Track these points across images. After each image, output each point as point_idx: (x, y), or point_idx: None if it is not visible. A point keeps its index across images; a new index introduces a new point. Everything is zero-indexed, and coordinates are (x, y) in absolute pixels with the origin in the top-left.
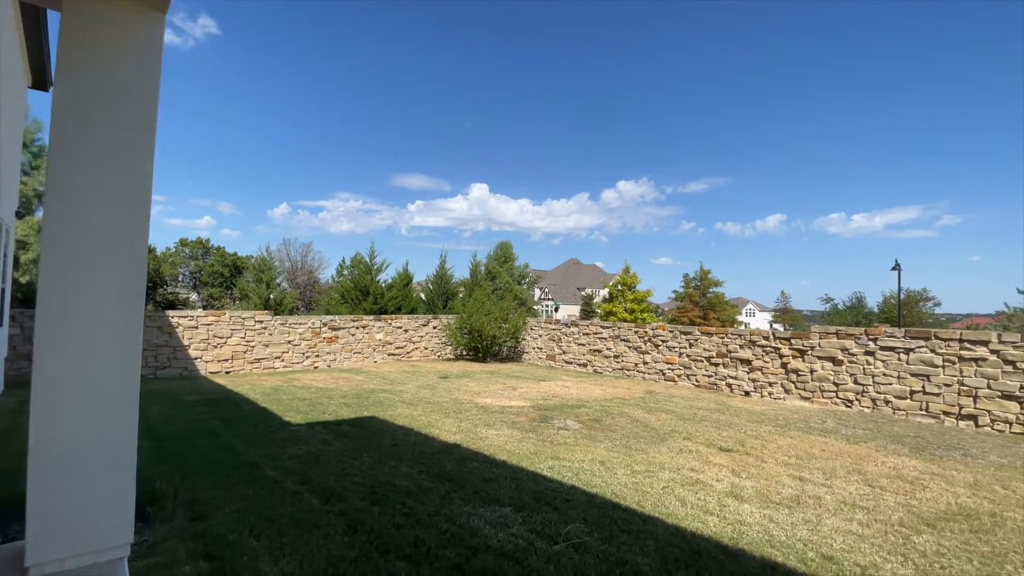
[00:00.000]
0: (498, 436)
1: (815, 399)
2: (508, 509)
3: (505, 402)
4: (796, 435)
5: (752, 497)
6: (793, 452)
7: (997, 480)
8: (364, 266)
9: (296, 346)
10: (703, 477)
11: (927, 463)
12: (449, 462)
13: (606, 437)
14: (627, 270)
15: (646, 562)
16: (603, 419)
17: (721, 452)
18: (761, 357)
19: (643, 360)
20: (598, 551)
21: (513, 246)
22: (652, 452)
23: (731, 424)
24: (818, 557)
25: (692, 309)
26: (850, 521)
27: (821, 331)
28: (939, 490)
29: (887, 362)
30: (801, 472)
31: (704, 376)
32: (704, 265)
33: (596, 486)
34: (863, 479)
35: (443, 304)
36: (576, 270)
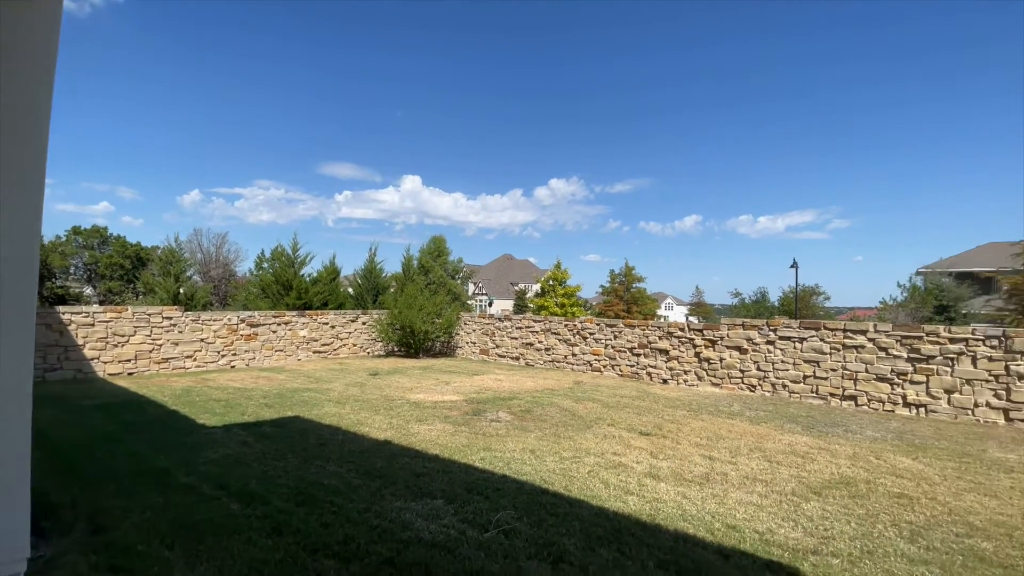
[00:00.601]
0: (430, 431)
1: (724, 385)
2: (440, 501)
3: (438, 397)
4: (707, 418)
5: (668, 476)
6: (704, 434)
7: (872, 452)
8: (286, 259)
9: (210, 344)
10: (625, 460)
11: (816, 439)
12: (380, 459)
13: (536, 427)
14: (558, 266)
15: (572, 542)
16: (534, 410)
17: (641, 436)
18: (677, 347)
19: (572, 352)
20: (527, 535)
21: (447, 240)
22: (579, 439)
23: (650, 410)
24: (723, 527)
25: (617, 303)
26: (751, 493)
27: (729, 323)
28: (825, 462)
29: (785, 350)
30: (711, 451)
31: (627, 366)
32: (628, 262)
33: (526, 474)
34: (763, 455)
35: (373, 299)
36: (510, 265)
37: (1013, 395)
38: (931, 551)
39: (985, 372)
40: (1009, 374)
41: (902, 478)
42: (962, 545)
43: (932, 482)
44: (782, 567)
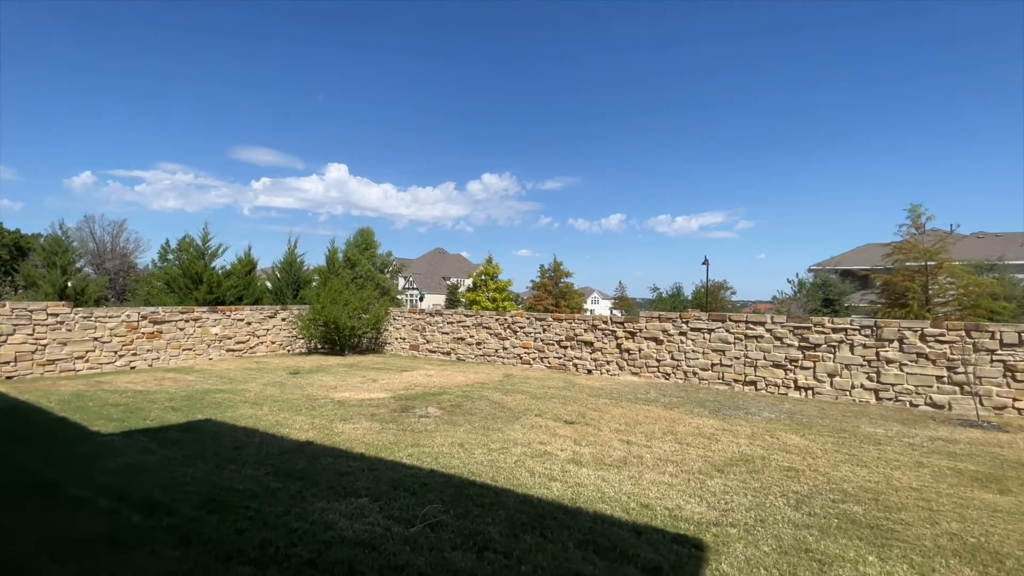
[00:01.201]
0: (356, 430)
1: (642, 374)
2: (365, 500)
3: (364, 395)
4: (626, 405)
5: (589, 462)
6: (623, 420)
7: (767, 431)
8: (196, 250)
9: (106, 344)
10: (550, 448)
11: (721, 421)
12: (301, 460)
13: (466, 421)
14: (490, 260)
15: (497, 530)
16: (464, 404)
17: (566, 425)
18: (601, 339)
19: (503, 346)
20: (453, 527)
21: (375, 233)
22: (507, 430)
23: (575, 399)
24: (638, 506)
25: (546, 298)
26: (663, 474)
27: (647, 315)
28: (728, 442)
29: (695, 341)
30: (629, 436)
31: (555, 358)
32: (557, 257)
33: (454, 467)
34: (675, 438)
35: (294, 294)
36: (442, 259)
37: (882, 377)
38: (812, 516)
39: (860, 358)
40: (879, 359)
41: (791, 453)
42: (837, 510)
43: (815, 456)
44: (688, 539)
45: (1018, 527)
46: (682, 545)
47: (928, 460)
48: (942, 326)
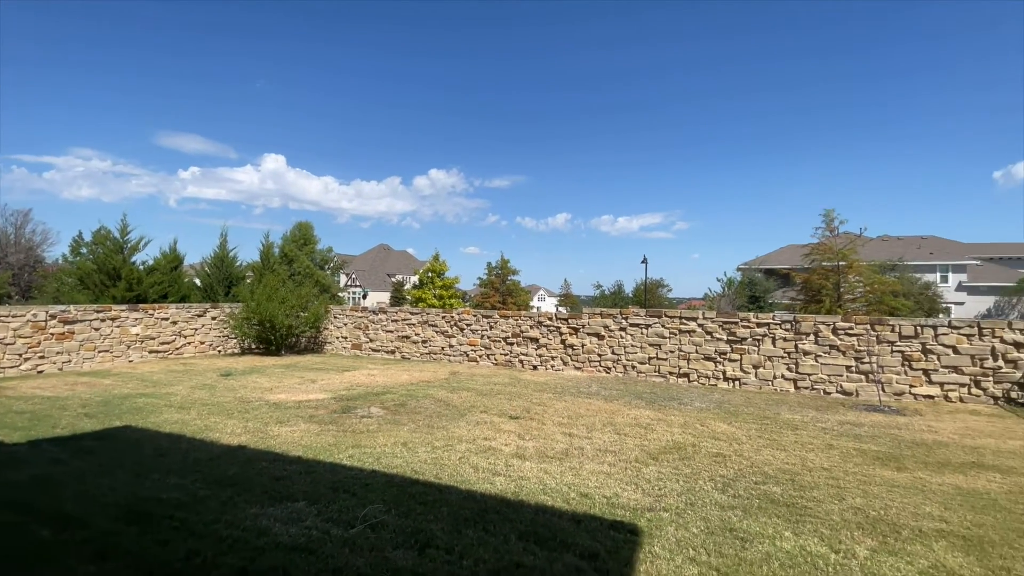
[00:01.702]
0: (293, 432)
1: (585, 368)
2: (302, 503)
3: (302, 396)
4: (569, 399)
5: (533, 455)
6: (566, 414)
7: (698, 420)
8: (113, 243)
9: (9, 345)
10: (494, 444)
11: (656, 412)
12: (232, 466)
13: (410, 420)
14: (436, 257)
15: (440, 527)
16: (408, 403)
17: (511, 420)
18: (546, 336)
19: (449, 344)
20: (395, 526)
21: (315, 227)
22: (452, 428)
23: (520, 395)
24: (578, 496)
25: (493, 295)
26: (603, 464)
27: (590, 312)
28: (662, 431)
29: (634, 336)
30: (571, 429)
31: (501, 355)
32: (504, 255)
33: (397, 467)
34: (614, 429)
35: (225, 291)
36: (386, 256)
37: (800, 368)
38: (737, 498)
39: (781, 350)
40: (797, 351)
41: (719, 440)
42: (759, 491)
43: (740, 442)
44: (624, 525)
45: (913, 500)
46: (618, 531)
47: (837, 442)
48: (851, 321)
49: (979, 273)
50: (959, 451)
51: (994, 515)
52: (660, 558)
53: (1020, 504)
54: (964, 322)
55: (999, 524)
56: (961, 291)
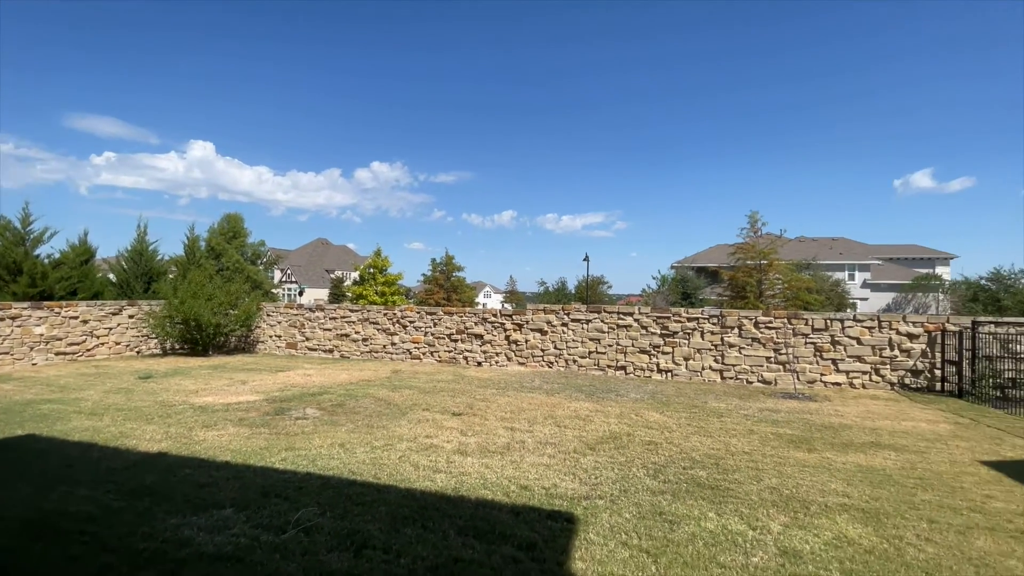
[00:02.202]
0: (220, 437)
1: (528, 363)
2: (229, 511)
3: (232, 399)
4: (512, 394)
5: (475, 451)
6: (509, 409)
7: (633, 411)
8: (13, 234)
9: None
10: (436, 441)
11: (595, 404)
12: (151, 474)
13: (349, 420)
14: (378, 253)
15: (377, 527)
16: (347, 403)
17: (453, 417)
18: (491, 332)
19: (391, 341)
20: (330, 529)
21: (246, 219)
22: (393, 427)
23: (464, 392)
24: (518, 488)
25: (438, 292)
26: (543, 456)
27: (533, 308)
28: (600, 422)
29: (575, 331)
30: (513, 423)
31: (445, 352)
32: (449, 251)
33: (333, 468)
34: (554, 422)
35: (144, 287)
36: (325, 251)
37: (726, 359)
38: (667, 483)
39: (709, 343)
40: (724, 344)
41: (652, 429)
42: (687, 475)
43: (671, 430)
44: (561, 514)
45: (820, 478)
46: (556, 520)
47: (757, 428)
48: (771, 315)
49: (881, 272)
50: (861, 432)
51: (889, 489)
52: (594, 544)
53: (911, 479)
54: (867, 316)
55: (893, 497)
56: (866, 288)
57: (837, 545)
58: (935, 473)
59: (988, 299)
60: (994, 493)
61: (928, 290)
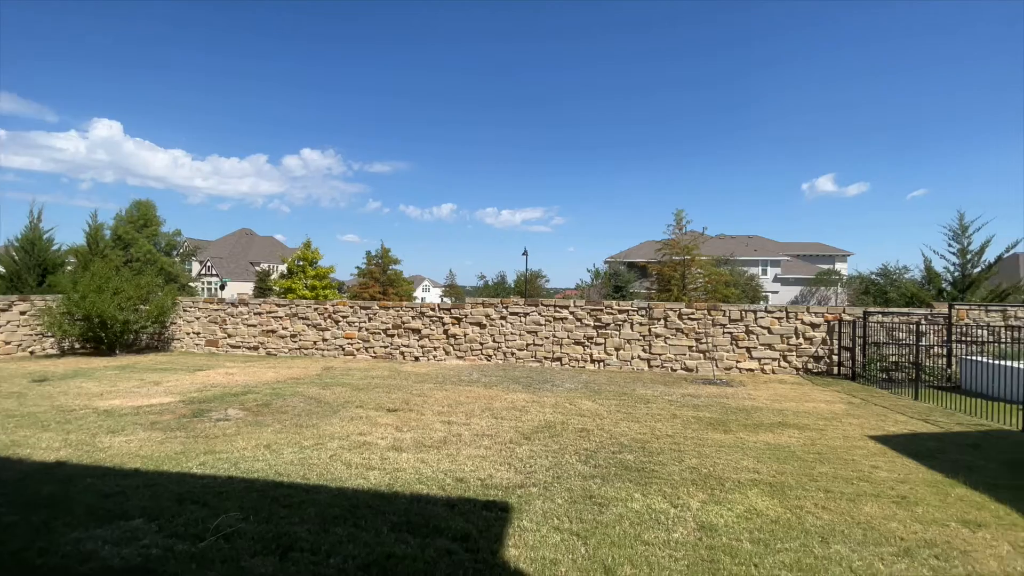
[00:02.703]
0: (129, 442)
1: (467, 357)
2: (139, 520)
3: (142, 401)
4: (450, 388)
5: (410, 446)
6: (446, 403)
7: (568, 400)
8: None
9: None
10: (370, 438)
11: (531, 395)
12: (48, 485)
13: (275, 420)
14: (308, 244)
15: (305, 528)
16: (273, 402)
17: (388, 413)
18: (429, 326)
19: (323, 337)
20: (253, 533)
21: (159, 207)
22: (323, 425)
23: (400, 387)
24: (453, 481)
25: (373, 285)
26: (479, 448)
27: (472, 302)
28: (536, 412)
29: (514, 324)
30: (450, 417)
31: (381, 347)
32: (385, 243)
33: (258, 471)
34: (492, 414)
35: (38, 280)
36: (250, 242)
37: (653, 349)
38: (597, 468)
39: (638, 334)
40: (651, 334)
41: (584, 417)
42: (615, 460)
43: (602, 417)
44: (496, 504)
45: (734, 457)
46: (491, 510)
47: (680, 412)
48: (693, 307)
49: (790, 267)
50: (770, 414)
51: (793, 464)
52: (528, 530)
53: (811, 454)
54: (776, 308)
55: (796, 471)
56: (776, 282)
57: (748, 517)
58: (831, 448)
59: (877, 292)
60: (879, 464)
61: (829, 284)
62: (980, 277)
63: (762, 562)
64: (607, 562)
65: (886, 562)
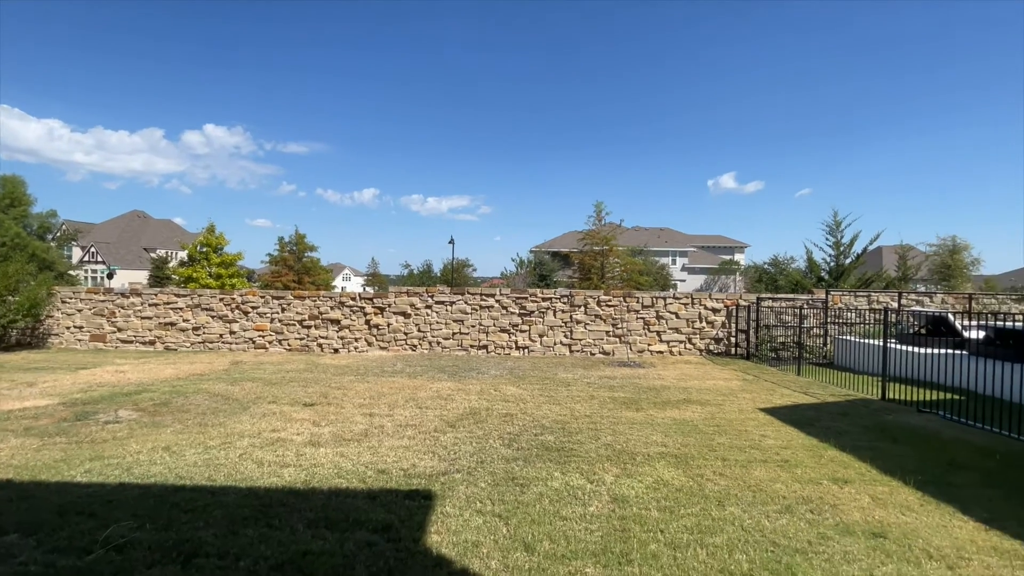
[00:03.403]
0: None
1: (391, 348)
2: (14, 536)
3: (14, 404)
4: (372, 379)
5: (329, 441)
6: (368, 394)
7: (492, 386)
8: None
9: None
10: (284, 435)
11: (457, 383)
12: None
13: (176, 420)
14: (212, 229)
15: (211, 533)
16: (173, 401)
17: (305, 407)
18: (349, 316)
19: (230, 330)
20: (151, 542)
21: (29, 184)
22: (232, 424)
23: (318, 380)
24: (375, 473)
25: (287, 274)
26: (403, 438)
27: (396, 291)
28: (461, 400)
29: (440, 313)
30: (372, 409)
31: (296, 339)
32: (299, 229)
33: (156, 475)
34: (416, 404)
35: None
36: (143, 226)
37: (574, 335)
38: (520, 450)
39: (561, 321)
40: (572, 320)
41: (509, 402)
42: (537, 441)
43: (525, 401)
44: (419, 493)
45: (645, 432)
46: (413, 499)
47: (597, 393)
48: (610, 294)
49: (696, 258)
50: (676, 392)
51: (695, 437)
52: (450, 516)
53: (711, 427)
54: (683, 295)
55: (697, 443)
56: (684, 271)
57: (656, 487)
58: (728, 421)
59: (769, 280)
60: (768, 433)
61: (729, 273)
62: (850, 267)
63: (668, 527)
64: (527, 539)
65: (771, 519)
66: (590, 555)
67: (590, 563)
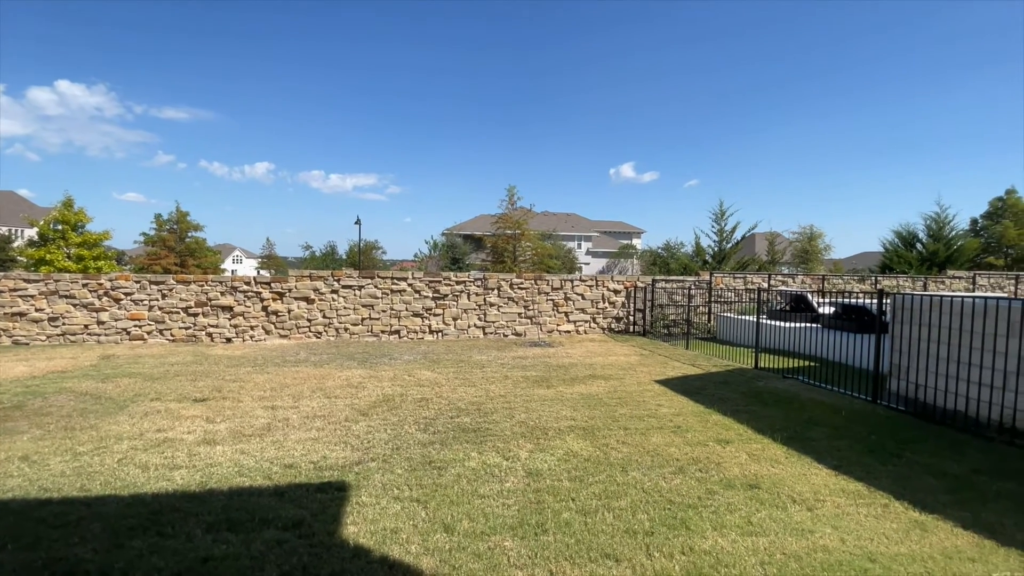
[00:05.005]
0: None
1: (292, 336)
2: None
3: None
4: (273, 370)
5: (226, 438)
6: (268, 386)
7: (406, 372)
8: None
9: None
10: (172, 435)
11: (368, 370)
12: None
13: (33, 424)
14: (69, 204)
15: (89, 548)
16: (28, 403)
17: (195, 403)
18: (243, 303)
19: (98, 320)
20: (15, 563)
21: None
22: (106, 426)
23: (209, 373)
24: (281, 468)
25: (167, 255)
26: (311, 430)
27: (297, 275)
28: (373, 388)
29: (347, 298)
30: (274, 402)
31: (181, 329)
32: (181, 206)
33: (12, 489)
34: (324, 394)
35: None
36: None
37: (488, 317)
38: (436, 434)
39: (474, 304)
40: (486, 303)
41: (424, 387)
42: (454, 423)
43: (441, 385)
44: (332, 485)
45: (555, 408)
46: (326, 492)
47: (511, 373)
48: (522, 277)
49: (599, 242)
50: (583, 368)
51: (600, 410)
52: (366, 505)
53: (614, 399)
54: (588, 277)
55: (602, 415)
56: (589, 255)
57: (567, 459)
58: (628, 393)
59: (662, 263)
60: (663, 402)
61: (627, 257)
62: (731, 252)
63: (578, 495)
64: (446, 520)
65: (667, 480)
66: (508, 529)
67: (508, 536)
